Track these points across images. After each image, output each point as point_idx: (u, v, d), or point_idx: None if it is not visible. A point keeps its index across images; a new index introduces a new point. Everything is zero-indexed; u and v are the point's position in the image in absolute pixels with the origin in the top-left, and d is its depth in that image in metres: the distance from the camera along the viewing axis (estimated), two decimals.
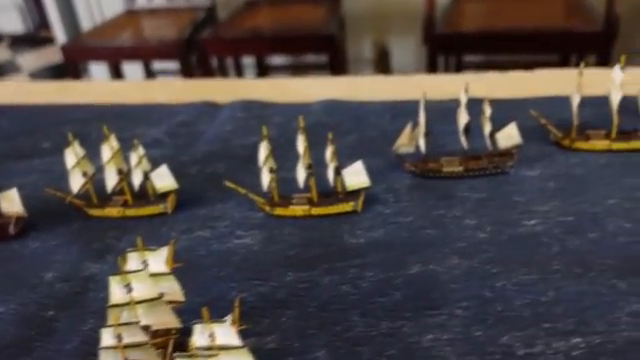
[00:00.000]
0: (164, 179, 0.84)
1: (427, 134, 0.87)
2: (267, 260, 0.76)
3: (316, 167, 0.83)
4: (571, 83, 0.90)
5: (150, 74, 3.58)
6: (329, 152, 0.81)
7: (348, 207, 0.82)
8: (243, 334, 0.54)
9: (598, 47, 2.52)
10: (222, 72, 3.26)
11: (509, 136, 0.84)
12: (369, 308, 0.68)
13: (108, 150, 0.83)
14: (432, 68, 2.78)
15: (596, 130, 0.91)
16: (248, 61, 3.50)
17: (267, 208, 0.84)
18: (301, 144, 0.81)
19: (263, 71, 3.51)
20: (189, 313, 0.59)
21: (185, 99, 1.25)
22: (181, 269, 0.64)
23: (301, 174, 0.81)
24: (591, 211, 0.79)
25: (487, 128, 0.85)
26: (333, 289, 0.71)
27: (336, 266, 0.74)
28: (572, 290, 0.67)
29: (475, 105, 0.88)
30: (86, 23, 3.63)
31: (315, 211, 0.83)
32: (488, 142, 0.85)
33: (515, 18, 2.63)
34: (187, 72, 3.01)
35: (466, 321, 0.65)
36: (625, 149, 0.89)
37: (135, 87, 1.43)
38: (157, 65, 3.53)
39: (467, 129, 0.86)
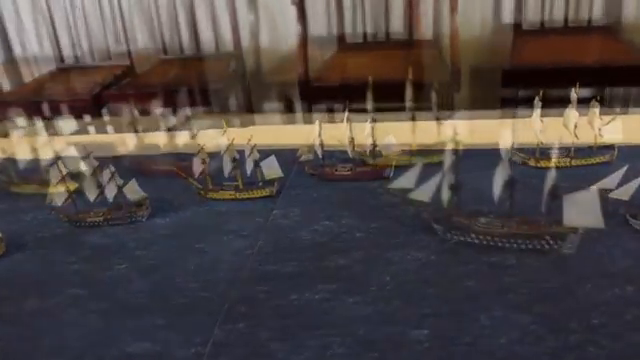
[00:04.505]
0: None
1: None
2: None
3: None
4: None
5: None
6: None
7: None
8: None
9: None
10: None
11: (133, 191, 0.98)
12: None
13: None
14: None
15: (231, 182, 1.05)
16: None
17: None
18: None
19: None
20: None
21: None
22: None
23: None
24: (176, 254, 0.92)
25: (113, 184, 0.99)
26: None
27: None
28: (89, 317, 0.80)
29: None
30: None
31: None
32: (111, 195, 0.99)
33: (372, 71, 2.73)
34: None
35: None
36: (248, 198, 1.03)
37: None
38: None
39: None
